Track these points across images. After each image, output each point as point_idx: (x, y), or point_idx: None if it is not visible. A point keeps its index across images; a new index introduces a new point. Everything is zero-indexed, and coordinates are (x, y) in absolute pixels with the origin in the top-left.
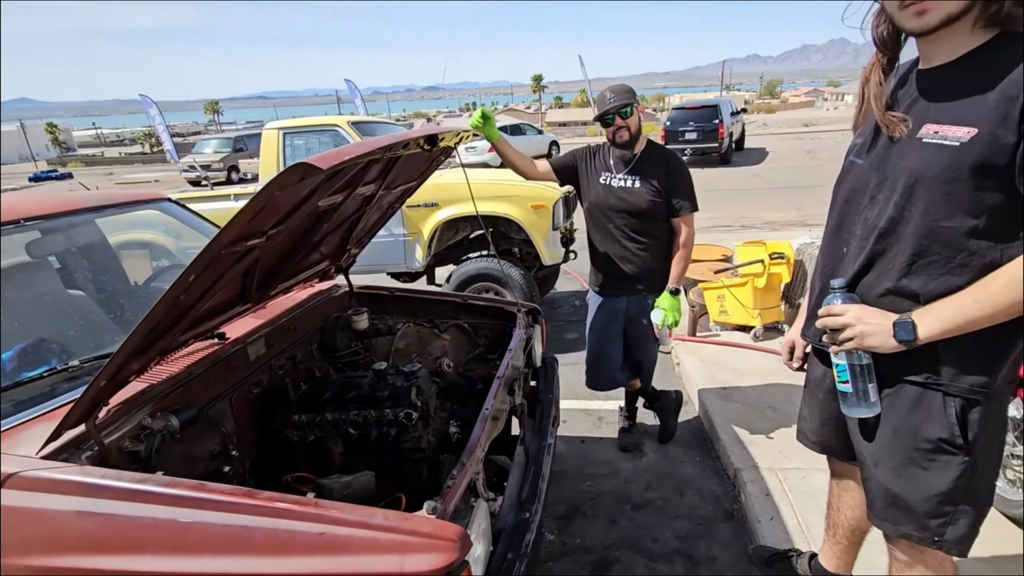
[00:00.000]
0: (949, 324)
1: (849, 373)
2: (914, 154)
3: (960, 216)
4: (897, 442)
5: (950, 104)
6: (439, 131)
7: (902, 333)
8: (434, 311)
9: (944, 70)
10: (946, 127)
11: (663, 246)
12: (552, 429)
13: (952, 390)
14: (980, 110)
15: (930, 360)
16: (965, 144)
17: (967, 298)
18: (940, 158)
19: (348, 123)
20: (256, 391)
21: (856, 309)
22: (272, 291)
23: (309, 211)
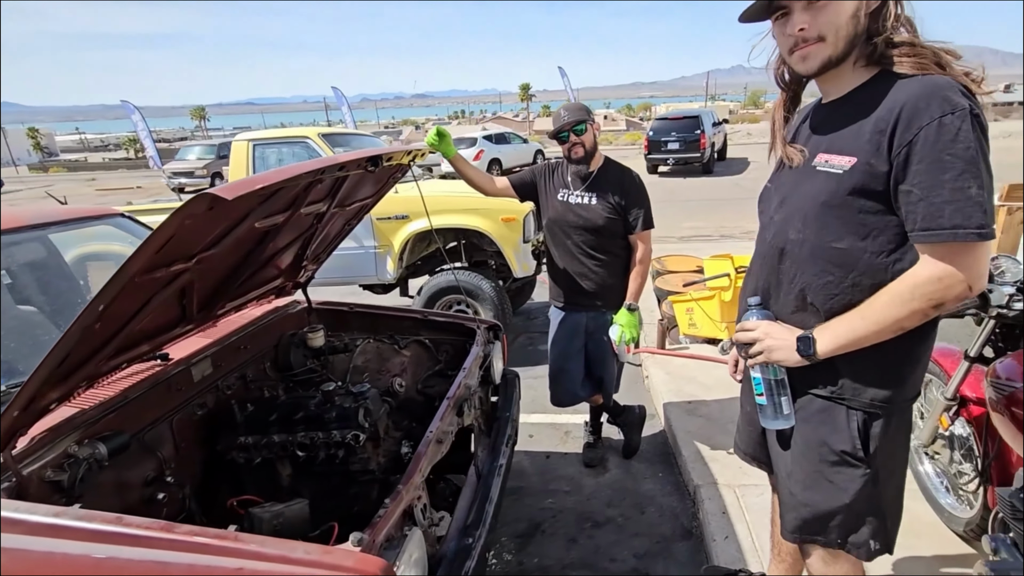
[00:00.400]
0: (842, 340)
1: (764, 386)
2: (808, 181)
3: (849, 238)
4: (807, 453)
5: (837, 135)
6: (387, 151)
7: (803, 348)
8: (394, 327)
9: (836, 105)
10: (834, 156)
11: (621, 263)
12: (506, 449)
13: (854, 404)
14: (858, 141)
15: (833, 375)
16: (847, 172)
17: (857, 315)
18: (828, 185)
19: (319, 135)
20: (201, 412)
21: (765, 325)
22: (219, 310)
23: (245, 233)
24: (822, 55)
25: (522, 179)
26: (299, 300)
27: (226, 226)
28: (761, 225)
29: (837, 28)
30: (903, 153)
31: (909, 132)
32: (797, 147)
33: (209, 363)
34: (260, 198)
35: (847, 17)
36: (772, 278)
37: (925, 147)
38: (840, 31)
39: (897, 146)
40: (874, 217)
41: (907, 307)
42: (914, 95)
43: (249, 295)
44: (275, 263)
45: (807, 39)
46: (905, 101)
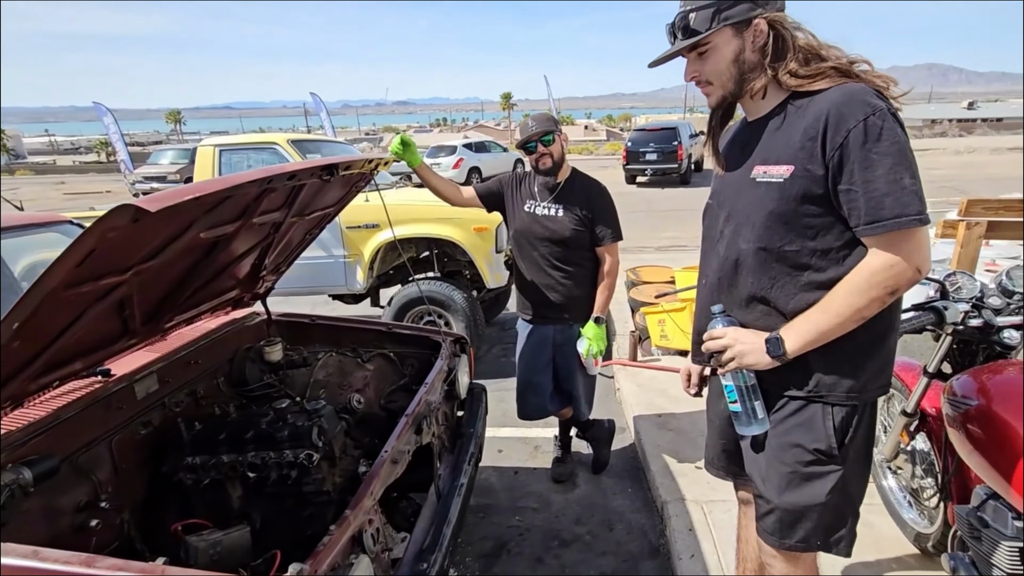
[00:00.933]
0: (808, 336)
1: (737, 394)
2: (750, 192)
3: (799, 240)
4: (781, 456)
5: (770, 147)
6: (345, 160)
7: (772, 349)
8: (358, 339)
9: (762, 122)
10: (771, 167)
11: (588, 275)
12: (468, 467)
13: (830, 399)
14: (791, 149)
15: (807, 373)
16: (787, 179)
17: (818, 310)
18: (771, 193)
19: (288, 141)
20: (145, 432)
21: (732, 331)
22: (166, 323)
23: (191, 243)
24: (716, 95)
25: (488, 189)
26: (258, 312)
27: (166, 236)
28: (708, 239)
29: (720, 73)
30: (836, 156)
31: (838, 135)
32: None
33: (155, 379)
34: (203, 207)
35: (727, 63)
36: (731, 288)
37: (855, 148)
38: (723, 75)
39: (830, 150)
40: (818, 219)
41: (865, 296)
42: (836, 102)
43: (201, 307)
44: (231, 273)
45: (700, 82)
46: (829, 108)
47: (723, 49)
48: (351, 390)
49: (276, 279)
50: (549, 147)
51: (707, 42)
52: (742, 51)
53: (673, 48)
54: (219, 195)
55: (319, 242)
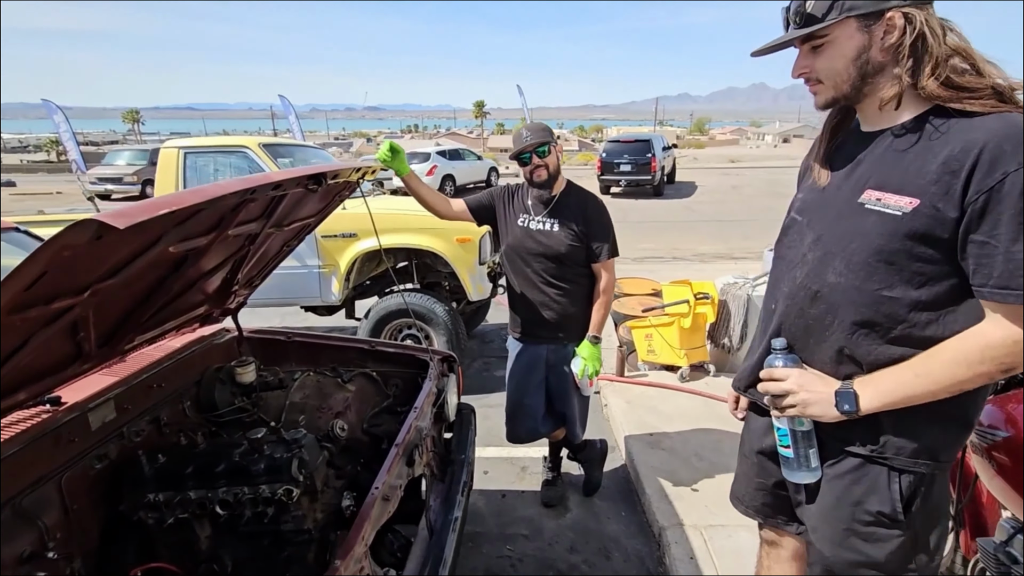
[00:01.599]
0: (890, 397)
1: (790, 438)
2: (853, 219)
3: (902, 287)
4: (837, 512)
5: (890, 171)
6: (332, 168)
7: (844, 404)
8: (338, 358)
9: (884, 135)
10: (889, 195)
11: (583, 292)
12: (461, 498)
13: (896, 464)
14: (921, 181)
15: (874, 432)
16: (907, 215)
17: (909, 372)
18: (883, 226)
19: (259, 145)
20: (100, 466)
21: (798, 375)
22: (126, 345)
23: (157, 258)
24: (825, 96)
25: (480, 202)
26: (229, 329)
27: (131, 252)
28: (784, 260)
29: (835, 73)
30: (981, 200)
31: (991, 177)
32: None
33: (112, 407)
34: (176, 219)
35: (846, 61)
36: (801, 322)
37: (1011, 196)
38: (839, 76)
39: (974, 192)
40: (932, 266)
41: (973, 370)
42: (997, 134)
43: (165, 326)
44: (200, 288)
45: (809, 79)
46: (986, 140)
47: (843, 44)
48: (331, 413)
49: (249, 293)
50: (544, 159)
51: (824, 34)
52: (866, 49)
53: (784, 37)
54: (196, 207)
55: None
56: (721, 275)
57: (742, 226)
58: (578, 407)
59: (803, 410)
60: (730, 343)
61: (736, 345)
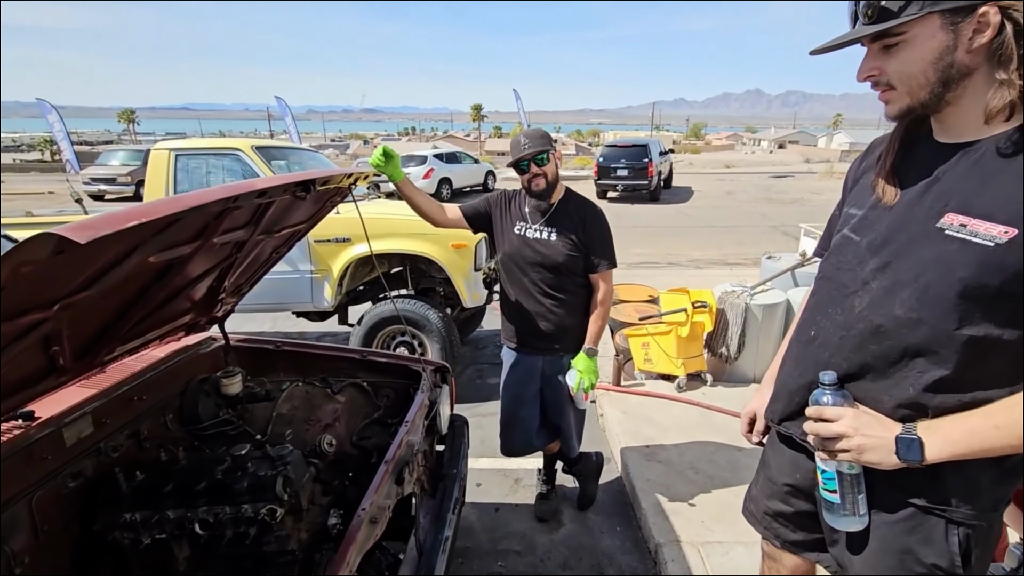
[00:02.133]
0: (961, 448)
1: (837, 482)
2: (932, 245)
3: (987, 324)
4: (884, 560)
5: (980, 192)
6: (323, 175)
7: (907, 453)
8: (328, 367)
9: (966, 151)
10: (977, 222)
11: (580, 303)
12: (452, 516)
13: (956, 516)
14: (1018, 206)
15: (934, 481)
16: (1002, 246)
17: (986, 421)
18: (968, 256)
19: (252, 147)
20: (75, 484)
21: (852, 417)
22: (105, 356)
23: (136, 269)
24: (899, 104)
25: (475, 209)
26: (216, 337)
27: (103, 264)
28: (835, 283)
29: (911, 77)
30: None
31: None
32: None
33: (89, 421)
34: (152, 229)
35: (925, 64)
36: (858, 357)
37: None
38: (915, 80)
39: None
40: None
41: None
42: None
43: (148, 336)
44: (185, 296)
45: (879, 84)
46: None
47: (922, 44)
48: (320, 426)
49: (236, 301)
50: (543, 167)
51: (901, 31)
52: (951, 50)
53: (852, 34)
54: (170, 218)
55: (285, 256)
56: (716, 281)
57: (737, 232)
58: (574, 420)
59: (858, 456)
60: (728, 352)
61: (734, 355)
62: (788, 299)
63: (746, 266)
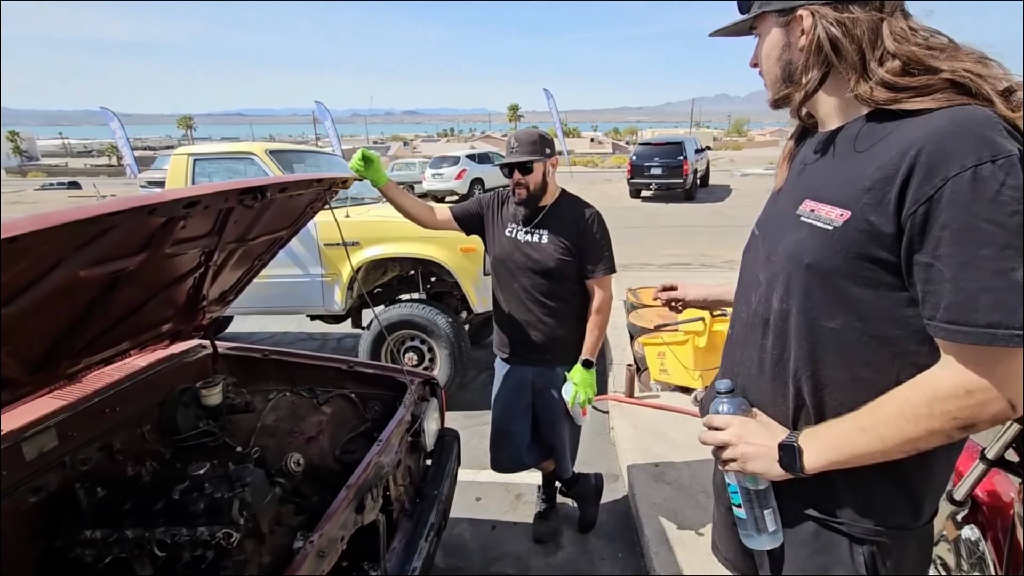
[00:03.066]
0: (835, 455)
1: (741, 496)
2: (791, 234)
3: (842, 315)
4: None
5: (828, 178)
6: (281, 181)
7: (787, 461)
8: (315, 377)
9: (829, 138)
10: (821, 206)
11: (575, 311)
12: (424, 544)
13: (855, 532)
14: (854, 189)
15: (827, 493)
16: (837, 229)
17: (854, 425)
18: (812, 242)
19: (266, 152)
20: (36, 499)
21: (737, 425)
22: (69, 368)
23: (69, 282)
24: (769, 94)
25: (466, 210)
26: (205, 344)
27: (22, 279)
28: (743, 283)
29: (767, 71)
30: (920, 212)
31: (930, 184)
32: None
33: (52, 434)
34: (73, 243)
35: (771, 61)
36: (755, 355)
37: (954, 206)
38: (769, 74)
39: (912, 202)
40: (873, 292)
41: (922, 425)
42: (936, 132)
43: (120, 346)
44: (161, 306)
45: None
46: (925, 140)
47: (767, 41)
48: (303, 438)
49: (221, 309)
50: (526, 176)
51: (754, 26)
52: (787, 48)
53: (730, 23)
54: (65, 231)
55: (295, 259)
56: None
57: None
58: (568, 438)
59: (743, 465)
60: None
61: None
62: None
63: None
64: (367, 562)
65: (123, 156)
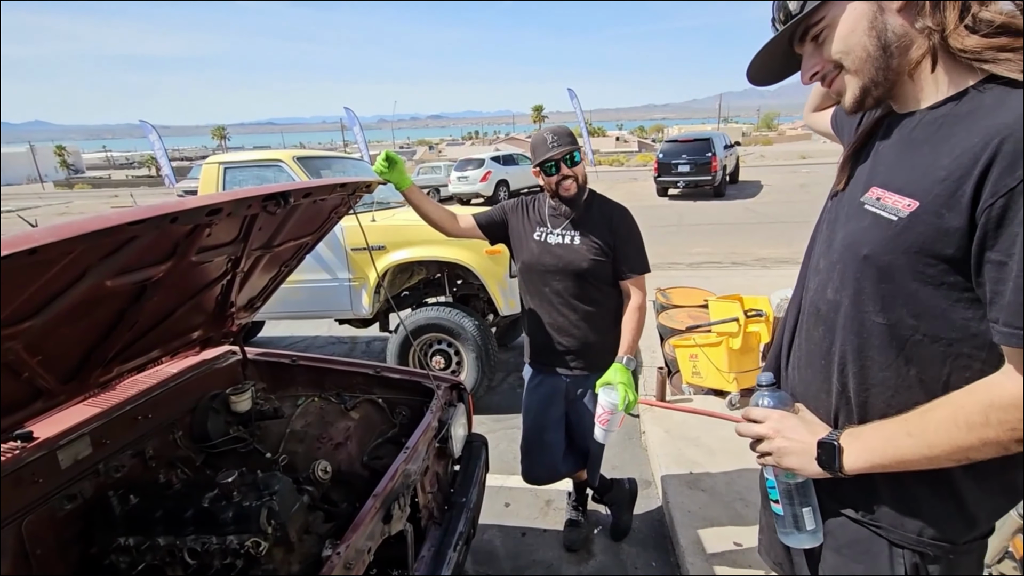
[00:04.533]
0: (879, 458)
1: (779, 491)
2: (853, 222)
3: (897, 310)
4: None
5: (900, 164)
6: (305, 186)
7: (825, 459)
8: (343, 382)
9: (911, 119)
10: (889, 194)
11: (609, 315)
12: (453, 554)
13: (895, 538)
14: (927, 179)
15: (867, 494)
16: (903, 220)
17: (902, 429)
18: (874, 233)
19: (293, 159)
20: (71, 506)
21: (777, 418)
22: (102, 376)
23: (94, 293)
24: (852, 88)
25: (490, 218)
26: (235, 351)
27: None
28: (805, 266)
29: (851, 51)
30: (998, 205)
31: (1012, 175)
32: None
33: (87, 442)
34: (97, 254)
35: (859, 36)
36: (806, 346)
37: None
38: (856, 54)
39: (989, 194)
40: (933, 289)
41: (976, 434)
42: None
43: (152, 353)
44: (190, 314)
45: (826, 75)
46: (1012, 127)
47: (847, 20)
48: (331, 444)
49: (250, 315)
50: (574, 168)
51: (819, 18)
52: (880, 13)
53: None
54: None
55: (323, 265)
56: (785, 282)
57: (809, 227)
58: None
59: (779, 460)
60: None
61: None
62: None
63: None
64: (396, 570)
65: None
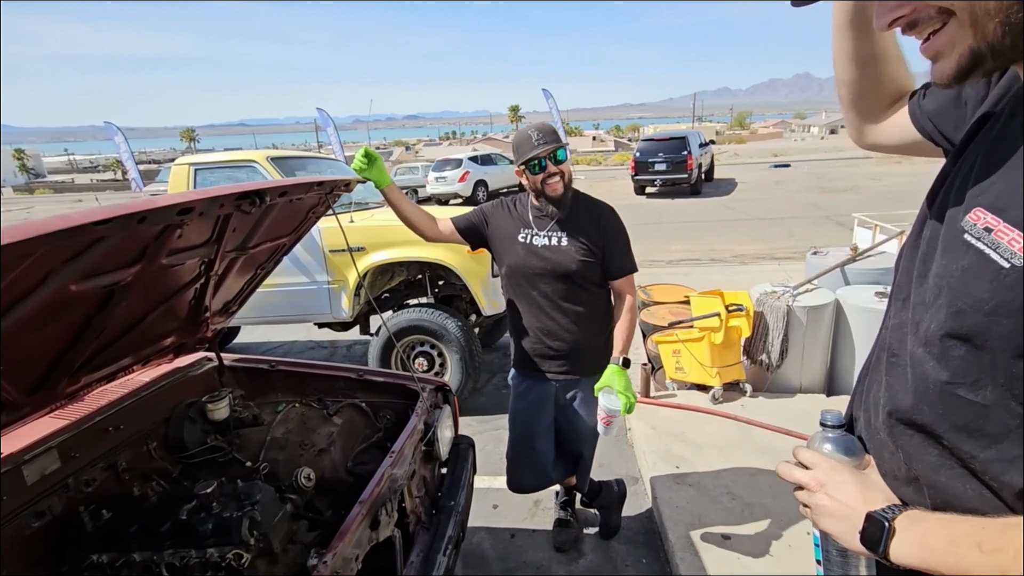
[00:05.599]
0: (932, 558)
1: (822, 550)
2: (949, 255)
3: (996, 389)
4: None
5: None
6: (280, 185)
7: (871, 534)
8: (324, 388)
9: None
10: (1001, 224)
11: (598, 317)
12: (442, 558)
13: None
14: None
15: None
16: (1016, 269)
17: (972, 537)
18: (975, 282)
19: (267, 159)
20: (39, 524)
21: (827, 469)
22: (70, 387)
23: (60, 297)
24: (959, 49)
25: (469, 222)
26: (210, 357)
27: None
28: (896, 284)
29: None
30: None
31: None
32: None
33: (55, 455)
34: (60, 257)
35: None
36: (879, 385)
37: None
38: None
39: None
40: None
41: None
42: None
43: (122, 362)
44: (161, 319)
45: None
46: None
47: None
48: (314, 450)
49: (225, 320)
50: (561, 166)
51: None
52: None
53: None
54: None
55: (301, 267)
56: (764, 278)
57: (785, 224)
58: (590, 449)
59: (816, 518)
60: (768, 360)
61: (776, 362)
62: (837, 299)
63: (796, 260)
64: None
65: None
